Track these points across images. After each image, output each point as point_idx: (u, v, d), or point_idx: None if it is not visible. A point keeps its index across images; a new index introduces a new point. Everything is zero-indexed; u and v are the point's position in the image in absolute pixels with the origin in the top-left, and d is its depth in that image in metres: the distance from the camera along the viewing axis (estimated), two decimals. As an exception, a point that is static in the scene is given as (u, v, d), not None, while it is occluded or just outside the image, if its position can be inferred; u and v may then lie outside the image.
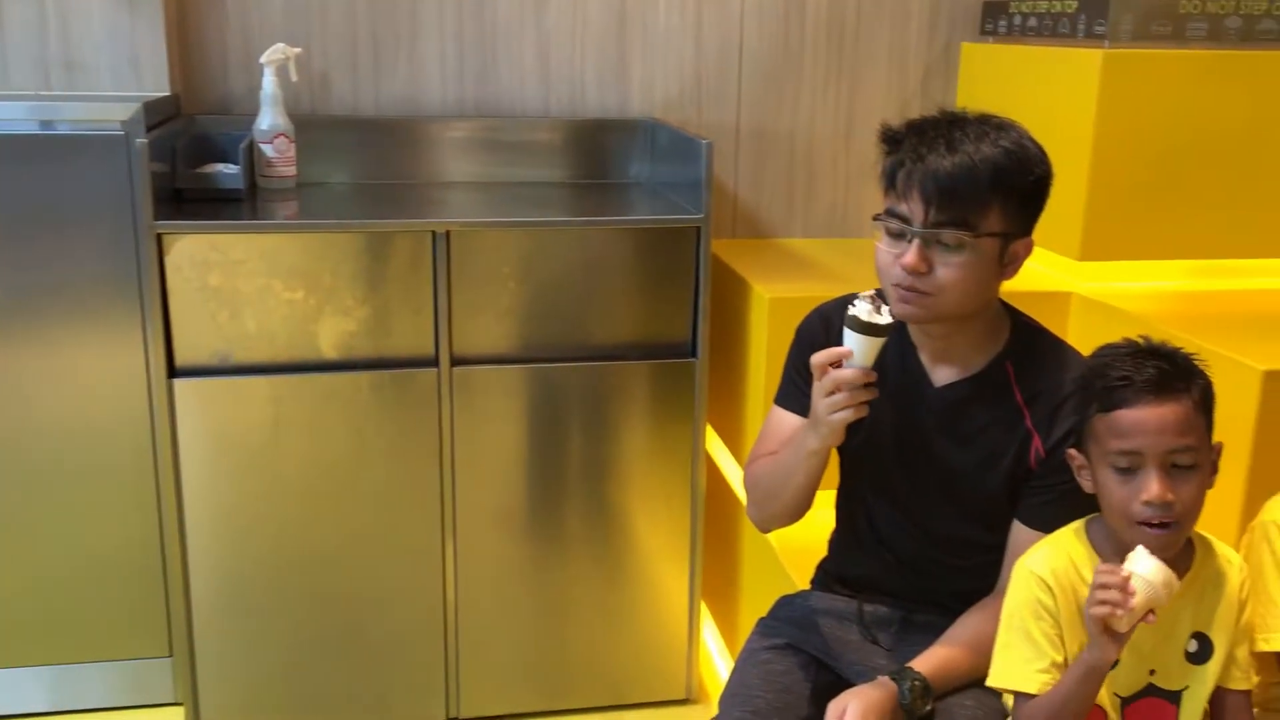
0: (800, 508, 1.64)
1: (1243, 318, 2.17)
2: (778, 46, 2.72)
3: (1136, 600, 1.31)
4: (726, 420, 2.57)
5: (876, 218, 1.55)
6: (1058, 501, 1.55)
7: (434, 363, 2.23)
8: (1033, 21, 2.43)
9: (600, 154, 2.69)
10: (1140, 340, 1.45)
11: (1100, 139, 2.19)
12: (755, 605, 1.92)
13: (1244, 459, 1.78)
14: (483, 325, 2.25)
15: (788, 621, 1.74)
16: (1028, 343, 1.61)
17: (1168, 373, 1.38)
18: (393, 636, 2.36)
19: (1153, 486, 1.36)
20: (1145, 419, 1.37)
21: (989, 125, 1.49)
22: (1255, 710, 1.53)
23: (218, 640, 2.29)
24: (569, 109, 2.69)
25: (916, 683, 1.51)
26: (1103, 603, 1.32)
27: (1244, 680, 1.49)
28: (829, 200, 2.82)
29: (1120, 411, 1.38)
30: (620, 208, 2.50)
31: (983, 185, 1.46)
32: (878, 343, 1.45)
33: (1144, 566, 1.33)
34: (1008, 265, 1.53)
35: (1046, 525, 1.55)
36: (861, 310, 1.44)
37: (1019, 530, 1.58)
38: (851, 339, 1.45)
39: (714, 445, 2.67)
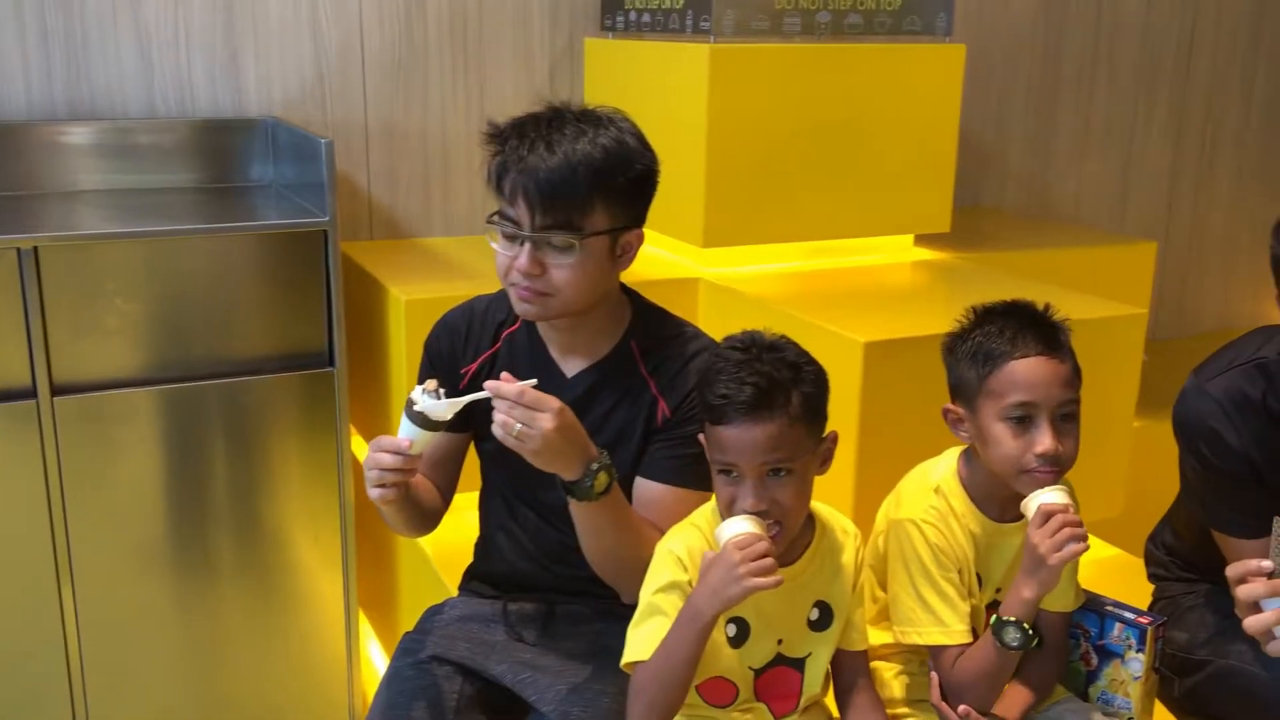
0: (416, 533, 1.70)
1: (846, 294, 2.33)
2: (401, 42, 2.65)
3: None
4: (374, 427, 2.49)
5: (490, 220, 1.54)
6: (678, 458, 1.58)
7: (31, 394, 2.02)
8: (646, 18, 2.50)
9: (218, 157, 2.52)
10: (756, 337, 1.50)
11: (713, 131, 2.28)
12: (415, 615, 1.88)
13: (853, 427, 1.91)
14: (89, 349, 2.06)
15: (433, 633, 1.71)
16: (648, 322, 1.66)
17: (764, 391, 1.43)
18: (8, 704, 2.12)
19: (748, 498, 1.45)
20: (740, 438, 1.44)
21: (588, 122, 1.50)
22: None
23: None
24: (178, 109, 2.50)
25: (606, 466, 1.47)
26: (754, 574, 1.37)
27: (861, 642, 1.60)
28: (466, 198, 2.79)
29: (719, 428, 1.45)
30: (241, 213, 2.36)
31: (582, 187, 1.47)
32: (432, 436, 1.48)
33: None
34: (620, 257, 1.56)
35: (666, 477, 1.59)
36: (426, 404, 1.45)
37: (641, 485, 1.60)
38: (407, 426, 1.47)
39: (362, 453, 2.58)
